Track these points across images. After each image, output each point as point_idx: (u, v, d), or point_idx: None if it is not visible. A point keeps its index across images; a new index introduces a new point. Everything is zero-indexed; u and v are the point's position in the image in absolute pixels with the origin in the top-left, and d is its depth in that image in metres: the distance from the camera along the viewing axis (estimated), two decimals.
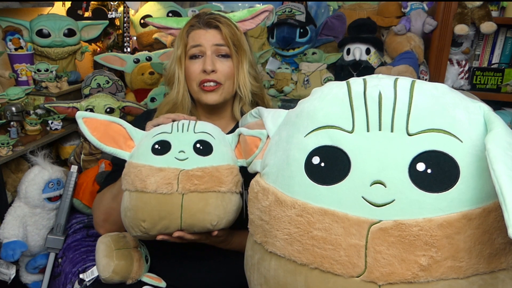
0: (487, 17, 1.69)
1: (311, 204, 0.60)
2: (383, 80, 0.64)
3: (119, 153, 0.90)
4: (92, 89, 1.80)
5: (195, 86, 1.11)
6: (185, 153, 0.86)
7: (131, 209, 0.85)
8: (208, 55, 1.08)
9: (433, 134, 0.57)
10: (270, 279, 0.65)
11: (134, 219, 0.85)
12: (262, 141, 0.81)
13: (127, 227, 0.88)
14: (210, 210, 0.85)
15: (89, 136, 0.88)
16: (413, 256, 0.54)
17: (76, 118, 0.88)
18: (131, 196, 0.85)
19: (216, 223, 0.86)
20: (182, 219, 0.84)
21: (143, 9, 2.19)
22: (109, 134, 0.90)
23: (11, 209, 1.46)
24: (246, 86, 1.13)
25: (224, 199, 0.87)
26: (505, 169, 0.48)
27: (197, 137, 0.89)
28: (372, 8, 2.07)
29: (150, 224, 0.84)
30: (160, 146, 0.87)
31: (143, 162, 0.86)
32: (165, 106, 1.15)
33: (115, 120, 0.92)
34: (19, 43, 1.66)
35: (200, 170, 0.85)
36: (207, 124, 0.95)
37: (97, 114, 0.92)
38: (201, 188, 0.84)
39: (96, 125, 0.88)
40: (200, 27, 1.11)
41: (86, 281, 1.15)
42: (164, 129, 0.91)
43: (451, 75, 1.86)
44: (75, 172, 1.53)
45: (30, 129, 1.56)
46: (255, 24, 1.25)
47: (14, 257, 1.39)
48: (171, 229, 0.86)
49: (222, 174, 0.87)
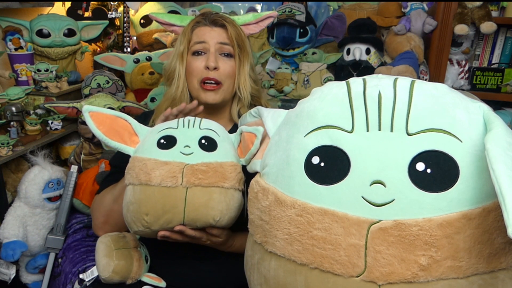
0: (487, 17, 1.69)
1: (311, 204, 0.60)
2: (383, 80, 0.64)
3: (124, 148, 0.91)
4: (92, 89, 1.80)
5: (195, 83, 1.10)
6: (190, 148, 0.87)
7: (134, 203, 0.85)
8: (211, 52, 1.08)
9: (432, 134, 0.57)
10: (270, 279, 0.65)
11: (137, 213, 0.85)
12: (257, 137, 0.81)
13: (129, 223, 0.88)
14: (213, 205, 0.85)
15: (94, 129, 0.88)
16: (413, 256, 0.54)
17: (82, 111, 0.88)
18: (135, 190, 0.86)
19: (219, 219, 0.86)
20: (185, 213, 0.84)
21: (143, 9, 2.19)
22: (115, 129, 0.90)
23: (11, 209, 1.46)
24: (246, 87, 1.13)
25: (227, 195, 0.87)
26: (504, 169, 0.48)
27: (202, 133, 0.90)
28: (372, 8, 2.07)
29: (153, 218, 0.84)
30: (166, 140, 0.88)
31: (148, 156, 0.86)
32: (164, 103, 1.15)
33: (121, 115, 0.92)
34: (19, 43, 1.66)
35: (205, 165, 0.86)
36: (212, 122, 0.96)
37: (103, 108, 0.92)
38: (205, 183, 0.85)
39: (102, 119, 0.89)
40: (206, 24, 1.11)
41: (86, 281, 1.15)
42: (169, 125, 0.92)
43: (451, 75, 1.86)
44: (75, 172, 1.53)
45: (30, 129, 1.56)
46: (259, 29, 1.25)
47: (14, 257, 1.39)
48: (174, 224, 0.86)
49: (226, 170, 0.87)
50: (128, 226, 0.89)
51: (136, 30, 2.22)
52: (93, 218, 1.12)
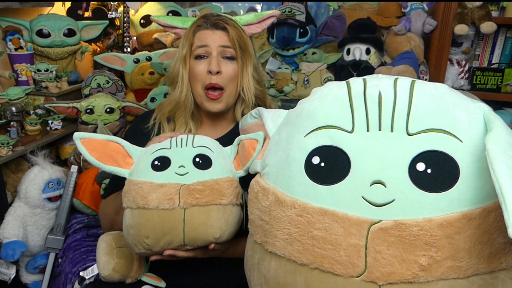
0: (487, 17, 1.69)
1: (311, 204, 0.60)
2: (383, 80, 0.64)
3: (119, 171, 0.90)
4: (92, 89, 1.80)
5: (199, 89, 1.10)
6: (185, 167, 0.87)
7: (133, 227, 0.85)
8: (213, 56, 1.08)
9: (433, 134, 0.57)
10: (270, 279, 0.65)
11: (137, 236, 0.85)
12: (259, 142, 0.82)
13: (131, 245, 0.88)
14: (212, 223, 0.85)
15: (87, 156, 0.87)
16: (413, 256, 0.54)
17: (73, 139, 0.88)
18: (133, 214, 0.86)
19: (218, 236, 0.86)
20: (185, 233, 0.85)
21: (143, 9, 2.19)
22: (107, 153, 0.90)
23: (11, 209, 1.46)
24: (250, 89, 1.13)
25: (226, 212, 0.87)
26: (505, 169, 0.48)
27: (196, 151, 0.90)
28: (372, 8, 2.07)
29: (154, 240, 0.85)
30: (160, 162, 0.87)
31: (144, 179, 0.86)
32: (168, 105, 1.15)
33: (113, 138, 0.92)
34: (19, 43, 1.66)
35: (201, 184, 0.85)
36: (205, 138, 0.96)
37: (94, 134, 0.92)
38: (203, 202, 0.85)
39: (94, 145, 0.88)
40: (207, 28, 1.11)
41: (86, 278, 1.15)
42: (163, 145, 0.91)
43: (451, 75, 1.86)
44: (75, 172, 1.53)
45: (30, 129, 1.56)
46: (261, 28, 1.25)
47: (14, 257, 1.39)
48: (174, 244, 0.86)
49: (223, 186, 0.87)
50: (130, 248, 0.90)
51: (136, 30, 2.22)
52: (101, 223, 1.15)
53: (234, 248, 0.99)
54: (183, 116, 1.14)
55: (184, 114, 1.14)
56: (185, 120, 1.14)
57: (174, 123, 1.15)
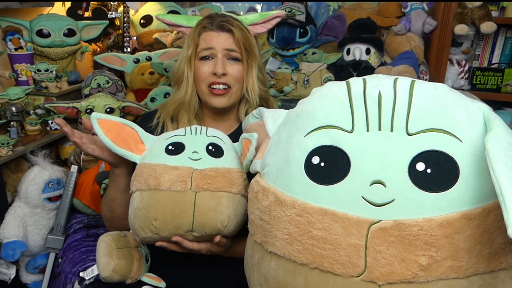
0: (487, 17, 1.69)
1: (311, 204, 0.60)
2: (382, 80, 0.64)
3: (130, 155, 0.92)
4: (92, 89, 1.80)
5: (204, 87, 1.11)
6: (198, 153, 0.89)
7: (142, 208, 0.85)
8: (219, 58, 1.08)
9: (433, 134, 0.57)
10: (270, 279, 0.65)
11: (146, 218, 0.85)
12: (252, 143, 0.82)
13: (136, 229, 0.88)
14: (221, 209, 0.86)
15: (102, 136, 0.89)
16: (413, 256, 0.54)
17: (91, 119, 0.90)
18: (143, 196, 0.86)
19: (227, 223, 0.87)
20: (194, 217, 0.85)
21: (143, 9, 2.19)
22: (122, 136, 0.92)
23: (11, 209, 1.46)
24: (255, 90, 1.13)
25: (235, 200, 0.88)
26: (504, 169, 0.48)
27: (209, 140, 0.92)
28: (372, 8, 2.07)
29: (162, 223, 0.85)
30: (174, 147, 0.90)
31: (157, 161, 0.88)
32: (172, 105, 1.15)
33: (128, 123, 0.94)
34: (19, 43, 1.66)
35: (213, 170, 0.87)
36: (217, 130, 0.99)
37: (111, 116, 0.93)
38: (214, 187, 0.86)
39: (110, 126, 0.91)
40: (212, 29, 1.11)
41: (86, 279, 1.15)
42: (177, 132, 0.94)
43: (451, 75, 1.86)
44: (75, 172, 1.53)
45: (30, 129, 1.56)
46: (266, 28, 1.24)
47: (14, 257, 1.39)
48: (183, 229, 0.86)
49: (233, 176, 0.89)
50: (135, 233, 0.90)
51: (136, 30, 2.22)
52: (105, 223, 1.16)
53: (235, 247, 0.99)
54: (186, 115, 1.14)
55: (187, 114, 1.14)
56: (189, 120, 1.14)
57: (177, 122, 1.15)
